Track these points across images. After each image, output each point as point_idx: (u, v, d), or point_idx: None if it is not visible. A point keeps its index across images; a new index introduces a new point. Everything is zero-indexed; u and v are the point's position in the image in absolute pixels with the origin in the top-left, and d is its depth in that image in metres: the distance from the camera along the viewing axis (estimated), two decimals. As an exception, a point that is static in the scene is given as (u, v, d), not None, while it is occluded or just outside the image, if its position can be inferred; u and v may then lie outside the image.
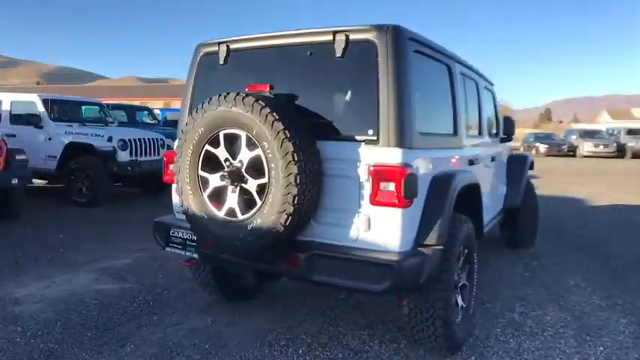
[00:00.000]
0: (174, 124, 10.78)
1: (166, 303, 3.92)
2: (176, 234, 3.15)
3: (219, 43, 3.17)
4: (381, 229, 2.53)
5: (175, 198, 3.21)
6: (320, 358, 2.99)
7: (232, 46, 3.11)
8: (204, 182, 2.76)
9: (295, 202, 2.42)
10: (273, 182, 2.46)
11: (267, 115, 2.45)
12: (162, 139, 8.62)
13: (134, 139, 8.14)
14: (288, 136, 2.41)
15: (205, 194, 2.75)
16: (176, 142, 2.96)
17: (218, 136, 2.67)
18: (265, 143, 2.45)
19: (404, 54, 2.58)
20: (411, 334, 2.90)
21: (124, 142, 7.97)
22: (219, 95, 2.62)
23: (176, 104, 32.19)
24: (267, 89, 2.68)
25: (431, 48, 3.01)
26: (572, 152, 26.33)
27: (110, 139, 7.94)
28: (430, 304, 2.70)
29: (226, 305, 3.83)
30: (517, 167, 5.17)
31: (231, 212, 2.67)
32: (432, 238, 2.58)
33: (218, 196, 2.74)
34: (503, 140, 4.95)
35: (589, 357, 3.02)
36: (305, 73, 2.92)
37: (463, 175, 3.03)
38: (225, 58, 3.12)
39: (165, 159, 3.32)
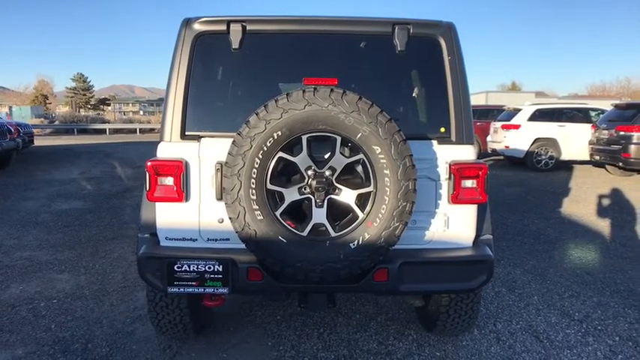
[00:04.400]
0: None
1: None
2: (186, 267, 2.40)
3: (228, 22, 2.49)
4: (458, 226, 2.55)
5: (188, 218, 2.51)
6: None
7: (250, 27, 2.50)
8: (276, 198, 2.22)
9: (412, 209, 2.22)
10: (386, 190, 2.17)
11: (377, 116, 2.14)
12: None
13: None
14: (404, 138, 2.18)
15: (278, 212, 2.21)
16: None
17: (299, 140, 2.17)
18: (376, 147, 2.14)
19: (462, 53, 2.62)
20: (443, 323, 2.99)
21: None
22: (304, 91, 2.13)
23: None
24: (336, 83, 2.31)
25: None
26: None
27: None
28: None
29: (199, 343, 3.14)
30: None
31: (318, 230, 2.23)
32: (486, 229, 2.74)
33: (295, 212, 2.25)
34: None
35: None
36: (355, 66, 2.60)
37: None
38: (241, 42, 2.49)
39: (150, 170, 2.46)
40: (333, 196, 2.22)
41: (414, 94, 2.65)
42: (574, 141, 12.18)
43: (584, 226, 6.61)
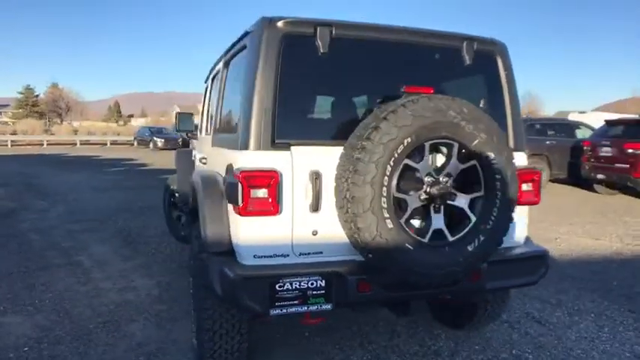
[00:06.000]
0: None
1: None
2: (288, 286, 2.22)
3: (315, 24, 2.39)
4: (517, 225, 2.79)
5: (297, 231, 2.35)
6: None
7: (337, 32, 2.42)
8: (400, 205, 2.19)
9: (515, 211, 2.38)
10: (497, 194, 2.30)
11: (490, 124, 2.27)
12: None
13: None
14: (509, 146, 2.34)
15: (403, 220, 2.19)
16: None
17: (423, 147, 2.19)
18: (490, 153, 2.26)
19: None
20: (479, 318, 3.20)
21: None
22: (428, 98, 2.16)
23: None
24: (432, 92, 2.38)
25: None
26: (186, 145, 28.40)
27: None
28: None
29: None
30: None
31: (437, 235, 2.26)
32: None
33: (416, 219, 2.24)
34: None
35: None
36: (428, 75, 2.68)
37: None
38: (329, 46, 2.40)
39: (243, 182, 2.21)
40: (449, 201, 2.28)
41: (480, 105, 2.84)
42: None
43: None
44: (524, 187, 2.75)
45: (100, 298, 4.07)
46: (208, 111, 3.95)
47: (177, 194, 5.88)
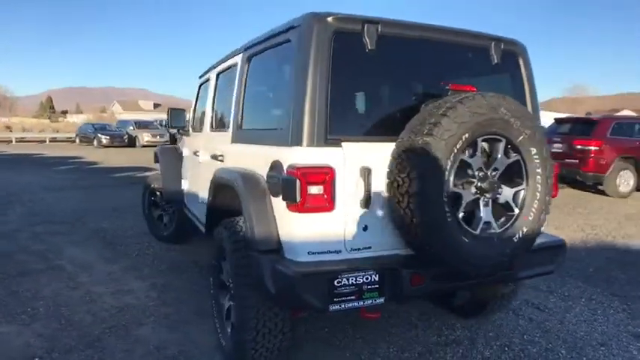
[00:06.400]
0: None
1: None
2: (345, 282, 2.23)
3: (363, 22, 2.40)
4: None
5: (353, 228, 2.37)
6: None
7: (383, 29, 2.45)
8: (456, 199, 2.26)
9: (550, 203, 2.52)
10: (537, 187, 2.42)
11: (533, 120, 2.39)
12: None
13: None
14: (547, 141, 2.47)
15: (459, 213, 2.26)
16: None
17: (475, 143, 2.26)
18: (533, 148, 2.38)
19: None
20: (492, 307, 3.37)
21: None
22: (482, 95, 2.25)
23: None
24: (475, 90, 2.48)
25: None
26: (132, 143, 27.15)
27: None
28: None
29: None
30: None
31: (486, 227, 2.34)
32: None
33: (469, 212, 2.31)
34: None
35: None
36: (464, 73, 2.77)
37: None
38: (376, 43, 2.42)
39: (301, 178, 2.20)
40: (496, 195, 2.37)
41: None
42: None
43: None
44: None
45: (97, 303, 3.86)
46: (214, 107, 3.85)
47: (159, 193, 5.69)
